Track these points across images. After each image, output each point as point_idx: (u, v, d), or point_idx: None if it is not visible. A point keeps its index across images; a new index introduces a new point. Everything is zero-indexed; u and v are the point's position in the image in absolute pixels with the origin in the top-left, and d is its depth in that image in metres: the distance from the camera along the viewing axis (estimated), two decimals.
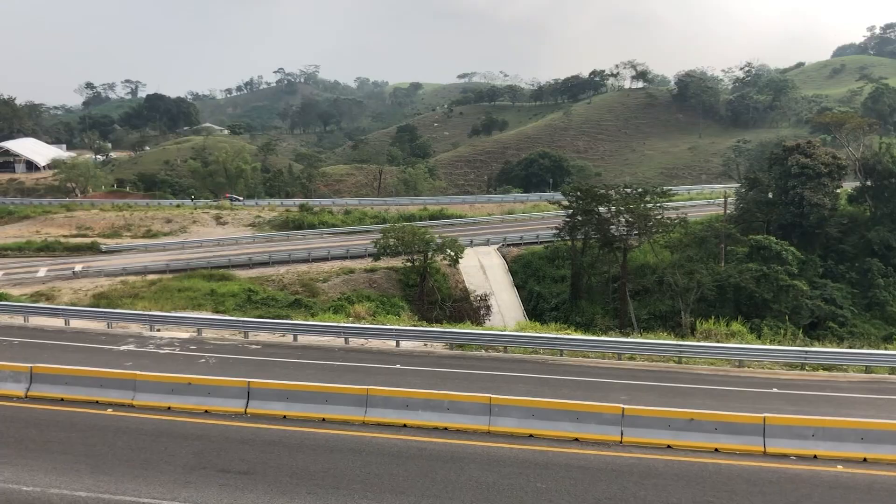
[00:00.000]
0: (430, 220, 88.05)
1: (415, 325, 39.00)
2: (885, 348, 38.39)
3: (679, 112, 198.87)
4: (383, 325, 37.68)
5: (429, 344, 34.57)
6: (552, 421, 21.32)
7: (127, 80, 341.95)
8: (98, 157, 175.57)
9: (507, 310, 60.81)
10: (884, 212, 68.69)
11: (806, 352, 31.30)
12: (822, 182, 66.81)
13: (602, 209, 61.95)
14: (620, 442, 20.69)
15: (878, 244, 66.37)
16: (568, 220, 63.84)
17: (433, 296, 60.26)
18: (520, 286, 65.85)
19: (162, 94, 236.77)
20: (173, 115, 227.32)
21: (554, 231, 66.71)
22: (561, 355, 32.29)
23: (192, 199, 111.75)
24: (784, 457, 19.89)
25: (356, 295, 57.40)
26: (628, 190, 64.28)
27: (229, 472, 18.46)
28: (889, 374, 30.39)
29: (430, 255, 60.68)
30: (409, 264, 61.25)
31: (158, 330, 36.93)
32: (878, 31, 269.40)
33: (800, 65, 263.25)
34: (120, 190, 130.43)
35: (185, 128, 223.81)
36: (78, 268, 64.09)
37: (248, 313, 48.30)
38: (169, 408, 23.19)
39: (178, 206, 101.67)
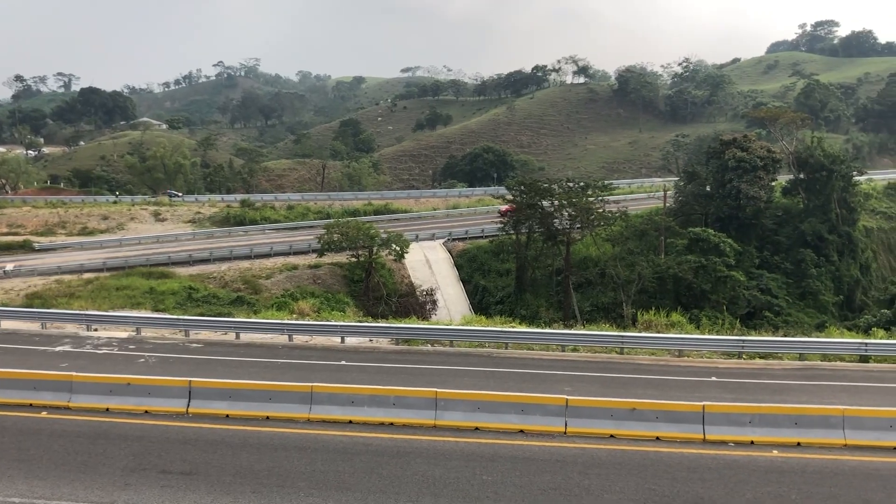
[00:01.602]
0: (374, 214, 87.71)
1: (360, 321, 38.78)
2: (818, 336, 39.71)
3: (619, 107, 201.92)
4: (328, 321, 37.40)
5: (374, 340, 34.45)
6: (498, 413, 21.46)
7: (59, 73, 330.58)
8: (29, 152, 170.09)
9: (452, 304, 60.99)
10: (816, 204, 70.98)
11: (743, 341, 32.15)
12: (757, 175, 68.67)
13: (545, 203, 62.58)
14: (565, 433, 20.94)
15: (811, 235, 68.60)
16: (512, 214, 64.29)
17: (379, 291, 60.05)
18: (465, 280, 66.12)
19: (96, 87, 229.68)
20: (109, 110, 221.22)
21: (499, 225, 67.13)
22: (506, 348, 32.54)
23: (117, 196, 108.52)
24: (723, 443, 20.39)
25: (300, 291, 56.83)
26: (571, 184, 65.07)
27: (171, 473, 18.09)
28: (821, 360, 31.43)
29: (375, 250, 60.41)
30: (354, 260, 60.91)
31: (96, 330, 35.97)
32: (809, 28, 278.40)
33: (735, 61, 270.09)
34: (53, 186, 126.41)
35: (122, 122, 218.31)
36: (9, 267, 61.94)
37: (188, 311, 47.36)
38: (107, 409, 22.60)
39: (114, 202, 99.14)
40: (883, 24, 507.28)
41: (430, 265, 67.19)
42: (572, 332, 34.83)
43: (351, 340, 34.09)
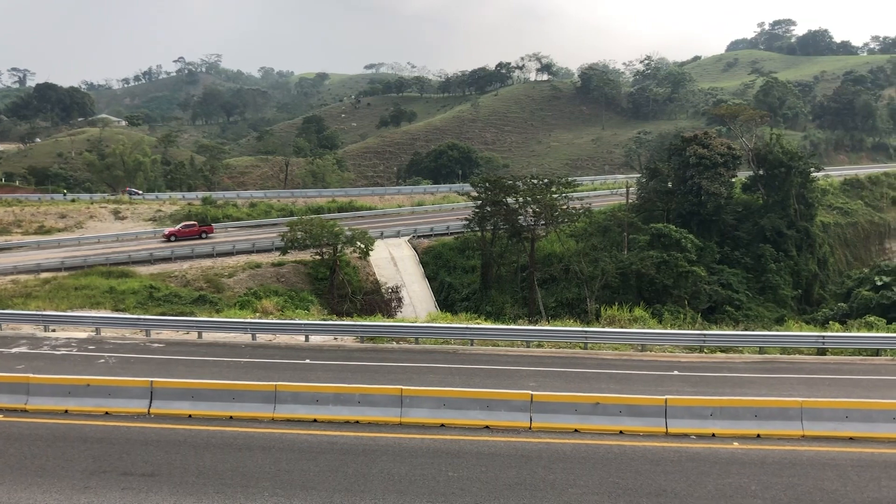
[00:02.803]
0: (339, 212, 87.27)
1: (324, 319, 38.58)
2: (777, 330, 40.44)
3: (583, 104, 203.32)
4: (292, 319, 37.13)
5: (339, 338, 34.29)
6: (463, 410, 21.51)
7: (14, 69, 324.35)
8: None
9: (418, 301, 60.97)
10: (775, 199, 72.18)
11: (704, 335, 32.58)
12: (718, 172, 69.63)
13: (510, 200, 62.77)
14: (530, 428, 21.04)
15: (770, 231, 69.75)
16: (477, 211, 64.39)
17: (343, 289, 59.75)
18: (431, 277, 66.11)
19: (53, 83, 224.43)
20: (66, 106, 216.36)
21: (464, 222, 67.21)
22: (472, 345, 32.61)
23: (65, 194, 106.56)
24: (685, 436, 20.67)
25: (263, 290, 56.32)
26: (535, 181, 65.29)
27: (132, 475, 17.82)
28: (780, 353, 32.03)
29: (339, 247, 60.08)
30: (318, 257, 60.50)
31: (54, 330, 35.33)
32: (767, 26, 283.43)
33: (696, 58, 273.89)
34: (8, 184, 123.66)
35: (80, 119, 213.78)
36: None
37: (149, 311, 46.76)
38: (66, 411, 22.20)
39: (72, 200, 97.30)
40: (838, 23, 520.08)
41: (395, 262, 67.06)
42: (537, 328, 35.06)
43: (315, 339, 33.89)
